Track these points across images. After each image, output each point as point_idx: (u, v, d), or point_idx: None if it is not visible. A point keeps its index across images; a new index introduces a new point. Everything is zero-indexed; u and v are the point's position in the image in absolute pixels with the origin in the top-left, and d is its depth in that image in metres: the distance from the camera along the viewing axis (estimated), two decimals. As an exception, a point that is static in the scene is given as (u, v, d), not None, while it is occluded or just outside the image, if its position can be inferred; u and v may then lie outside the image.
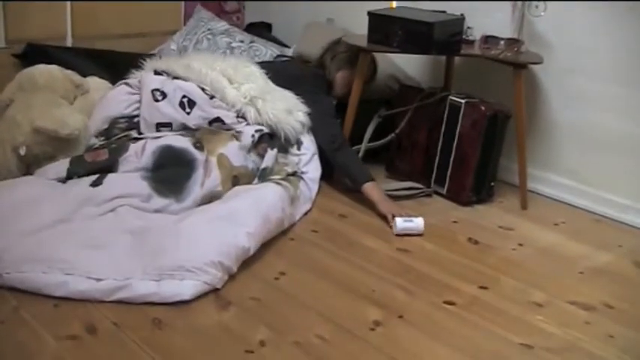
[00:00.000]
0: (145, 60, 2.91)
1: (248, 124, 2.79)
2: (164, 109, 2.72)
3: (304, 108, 2.91)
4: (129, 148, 2.56)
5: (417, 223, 2.57)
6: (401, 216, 2.61)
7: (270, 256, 2.35)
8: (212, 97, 2.78)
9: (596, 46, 2.85)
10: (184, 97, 2.74)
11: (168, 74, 2.81)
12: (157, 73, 2.83)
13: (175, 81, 2.78)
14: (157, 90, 2.74)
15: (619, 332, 2.05)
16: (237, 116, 2.80)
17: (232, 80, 2.85)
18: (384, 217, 2.68)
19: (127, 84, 2.84)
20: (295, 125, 2.85)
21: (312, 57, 3.30)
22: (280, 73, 3.04)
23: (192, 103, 2.73)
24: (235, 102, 2.80)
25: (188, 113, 2.73)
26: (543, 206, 2.97)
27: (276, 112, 2.80)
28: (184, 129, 2.72)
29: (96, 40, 3.50)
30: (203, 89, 2.77)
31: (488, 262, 2.43)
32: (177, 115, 2.72)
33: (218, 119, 2.76)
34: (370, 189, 2.76)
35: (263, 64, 3.09)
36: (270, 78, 2.96)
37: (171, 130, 2.71)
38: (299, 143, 2.89)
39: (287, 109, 2.85)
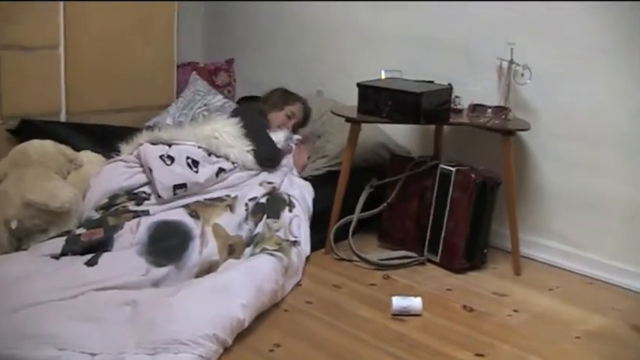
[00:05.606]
0: (135, 135, 2.97)
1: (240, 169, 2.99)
2: (177, 170, 2.81)
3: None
4: (124, 226, 2.57)
5: (415, 302, 2.50)
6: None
7: (265, 328, 2.33)
8: (209, 154, 2.91)
9: (580, 110, 2.90)
10: (188, 157, 2.86)
11: (162, 143, 2.90)
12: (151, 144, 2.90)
13: (174, 145, 2.89)
14: (163, 155, 2.84)
15: (619, 398, 2.04)
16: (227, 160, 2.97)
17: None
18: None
19: (122, 160, 2.89)
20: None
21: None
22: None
23: (195, 163, 2.87)
24: (219, 146, 2.96)
25: (196, 172, 2.83)
26: (537, 271, 2.98)
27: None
28: (197, 188, 2.81)
29: (90, 115, 3.53)
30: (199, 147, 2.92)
31: (484, 328, 2.42)
32: (189, 175, 2.82)
33: (221, 169, 2.91)
34: None
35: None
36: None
37: (186, 191, 2.78)
38: (291, 205, 2.94)
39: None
